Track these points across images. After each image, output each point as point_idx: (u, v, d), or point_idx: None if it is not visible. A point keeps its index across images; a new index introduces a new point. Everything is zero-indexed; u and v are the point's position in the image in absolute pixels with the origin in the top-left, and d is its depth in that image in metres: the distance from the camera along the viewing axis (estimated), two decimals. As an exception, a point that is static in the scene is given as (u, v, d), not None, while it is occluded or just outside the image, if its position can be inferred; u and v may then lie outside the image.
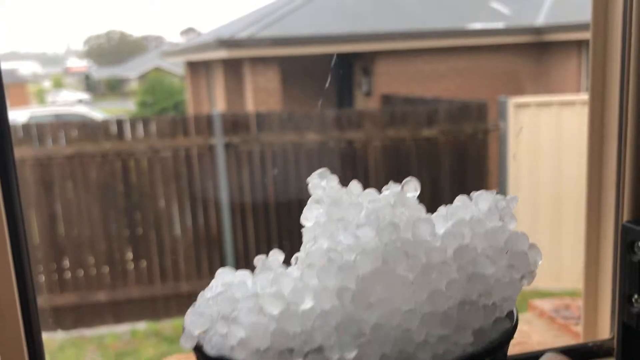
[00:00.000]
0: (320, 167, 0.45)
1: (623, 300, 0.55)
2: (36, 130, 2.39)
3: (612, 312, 0.60)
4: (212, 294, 0.39)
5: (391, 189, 0.38)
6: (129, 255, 2.38)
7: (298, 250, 0.41)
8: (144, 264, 2.38)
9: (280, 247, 0.43)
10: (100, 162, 2.33)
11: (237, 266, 0.43)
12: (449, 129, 2.50)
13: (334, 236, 0.35)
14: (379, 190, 0.40)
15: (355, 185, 0.40)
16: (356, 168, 2.54)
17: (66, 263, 2.32)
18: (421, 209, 0.37)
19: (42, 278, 2.33)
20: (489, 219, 0.37)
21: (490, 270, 0.34)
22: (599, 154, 0.60)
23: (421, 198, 0.39)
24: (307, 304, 0.32)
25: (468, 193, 0.39)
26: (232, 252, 2.45)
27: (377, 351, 0.30)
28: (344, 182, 0.42)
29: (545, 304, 0.91)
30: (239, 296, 0.35)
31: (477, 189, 0.40)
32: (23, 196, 0.53)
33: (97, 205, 2.29)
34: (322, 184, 0.41)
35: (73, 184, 2.28)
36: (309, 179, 0.41)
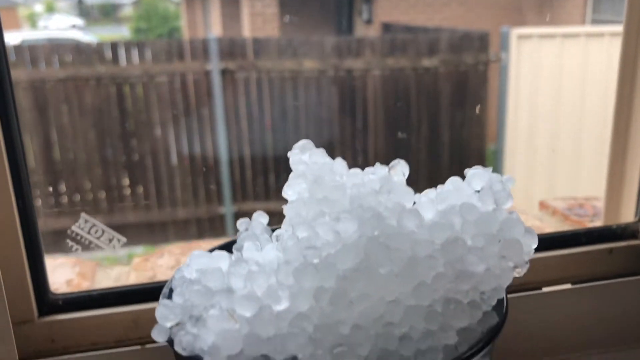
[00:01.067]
0: (318, 96, 0.41)
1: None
2: (29, 53, 2.34)
3: (638, 194, 0.60)
4: (188, 275, 0.36)
5: (377, 172, 0.35)
6: (126, 181, 2.37)
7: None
8: (140, 189, 2.38)
9: (277, 176, 0.41)
10: (94, 87, 2.30)
11: (234, 195, 0.41)
12: (449, 59, 2.43)
13: (313, 226, 0.32)
14: (383, 124, 0.36)
15: (340, 163, 0.37)
16: (355, 98, 2.49)
17: (62, 187, 2.32)
18: (409, 195, 0.35)
19: (39, 202, 2.33)
20: (482, 202, 0.34)
21: (479, 268, 0.31)
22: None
23: (419, 131, 0.37)
24: (283, 304, 0.30)
25: (467, 126, 0.36)
26: (228, 180, 2.44)
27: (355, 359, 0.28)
28: (343, 115, 0.39)
29: (558, 203, 0.89)
30: (213, 287, 0.33)
31: (476, 122, 0.37)
32: (18, 121, 0.53)
33: (93, 130, 2.26)
34: (304, 158, 0.38)
35: (68, 108, 2.24)
36: (290, 153, 0.39)
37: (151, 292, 0.53)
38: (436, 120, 2.46)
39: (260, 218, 0.42)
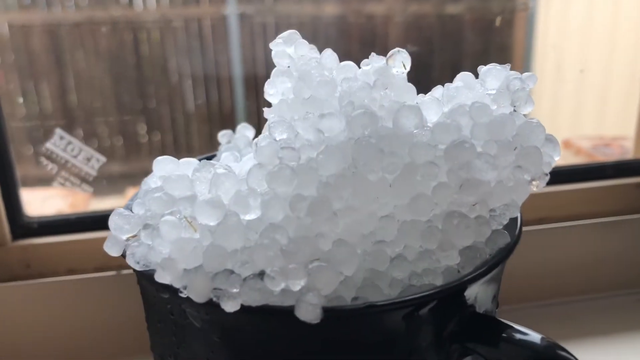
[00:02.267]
0: (338, 43, 0.36)
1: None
2: (44, -5, 2.30)
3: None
4: (153, 184, 0.32)
5: (372, 64, 0.30)
6: (142, 127, 2.34)
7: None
8: (157, 137, 2.35)
9: None
10: (110, 31, 2.25)
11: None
12: (475, 6, 2.33)
13: (292, 126, 0.27)
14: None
15: (329, 55, 0.32)
16: (375, 46, 2.41)
17: (79, 133, 2.30)
18: (411, 92, 0.29)
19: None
20: (496, 104, 0.29)
21: (489, 175, 0.26)
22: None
23: (443, 81, 0.32)
24: (253, 213, 0.25)
25: None
26: (245, 128, 2.39)
27: (334, 278, 0.24)
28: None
29: (583, 142, 0.84)
30: (177, 195, 0.28)
31: None
32: (33, 65, 0.51)
33: (109, 76, 2.22)
34: (289, 51, 0.32)
35: (84, 53, 2.20)
36: (271, 44, 0.33)
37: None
38: (459, 69, 2.37)
39: (245, 131, 0.37)
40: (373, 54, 0.29)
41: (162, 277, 0.25)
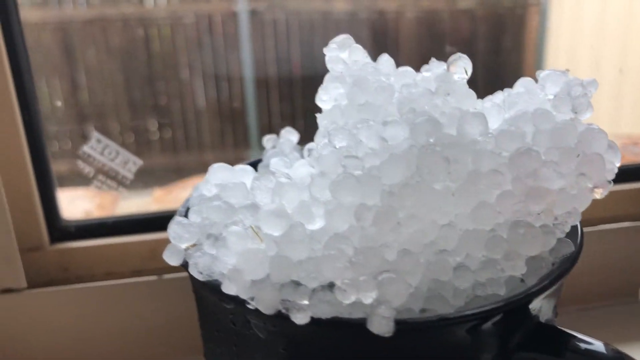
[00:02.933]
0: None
1: None
2: (55, -8, 2.31)
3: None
4: (208, 192, 0.32)
5: (432, 70, 0.29)
6: (153, 124, 2.35)
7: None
8: (168, 133, 2.35)
9: (305, 122, 0.36)
10: (121, 28, 2.26)
11: (261, 139, 0.37)
12: (487, 0, 2.32)
13: (354, 134, 0.27)
14: (416, 68, 0.32)
15: (386, 60, 0.31)
16: (387, 42, 2.40)
17: (91, 129, 2.30)
18: (471, 97, 0.29)
19: (69, 144, 2.32)
20: (557, 110, 0.28)
21: (556, 183, 0.26)
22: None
23: None
24: (317, 223, 0.25)
25: (504, 71, 0.30)
26: (255, 125, 2.39)
27: (404, 289, 0.23)
28: (375, 58, 0.34)
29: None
30: (235, 203, 0.28)
31: (514, 67, 0.32)
32: (45, 62, 0.51)
33: (120, 73, 2.23)
34: (343, 56, 0.32)
35: (95, 50, 2.21)
36: (325, 50, 0.33)
37: (168, 220, 0.49)
38: (472, 65, 2.36)
39: (289, 135, 0.37)
40: (433, 59, 0.29)
41: (229, 288, 0.25)
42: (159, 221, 0.51)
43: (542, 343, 0.26)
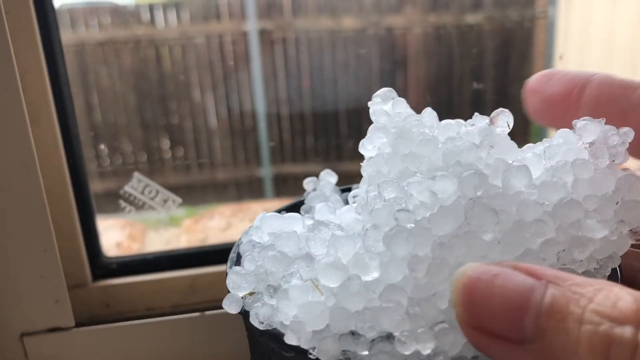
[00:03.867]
0: (358, 56, 0.37)
1: None
2: (68, 16, 2.35)
3: None
4: (258, 239, 0.33)
5: (476, 123, 0.31)
6: (166, 143, 2.38)
7: (334, 142, 0.34)
8: (180, 152, 2.38)
9: (315, 138, 0.38)
10: (133, 49, 2.29)
11: (272, 157, 0.38)
12: (494, 15, 2.34)
13: (403, 186, 0.28)
14: (425, 85, 0.33)
15: (429, 113, 0.33)
16: (395, 58, 2.42)
17: (104, 150, 2.33)
18: (513, 149, 0.30)
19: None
20: (594, 157, 0.30)
21: (600, 234, 0.27)
22: None
23: (461, 92, 0.32)
24: (372, 274, 0.26)
25: (512, 86, 0.32)
26: (266, 142, 2.41)
27: (460, 339, 0.25)
28: (383, 75, 0.35)
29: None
30: (289, 252, 0.30)
31: (522, 81, 0.34)
32: None
33: (132, 93, 2.26)
34: (386, 108, 0.34)
35: (107, 71, 2.24)
36: (370, 103, 0.35)
37: (206, 255, 0.51)
38: (480, 79, 2.38)
39: (329, 177, 0.39)
40: (477, 114, 0.31)
41: (291, 339, 0.26)
42: (197, 256, 0.52)
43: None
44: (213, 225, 0.74)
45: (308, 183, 0.39)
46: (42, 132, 0.45)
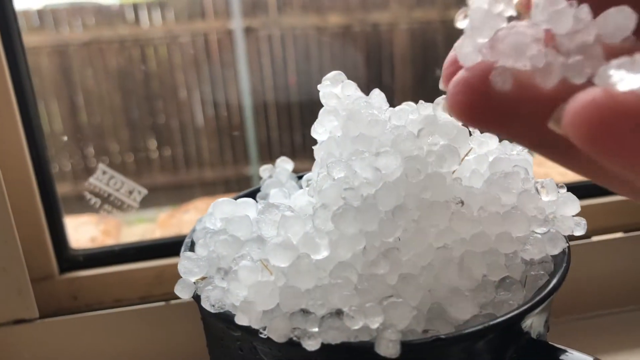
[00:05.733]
0: (344, 53, 0.37)
1: None
2: (52, 16, 2.34)
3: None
4: (211, 225, 0.33)
5: (420, 111, 0.31)
6: (153, 143, 2.37)
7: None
8: (167, 152, 2.37)
9: (303, 135, 0.38)
10: (118, 49, 2.28)
11: (260, 156, 0.38)
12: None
13: (349, 165, 0.29)
14: (411, 79, 0.33)
15: (377, 94, 0.33)
16: (381, 54, 2.42)
17: (90, 151, 2.32)
18: (462, 134, 0.31)
19: (69, 166, 2.34)
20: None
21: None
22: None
23: None
24: (322, 253, 0.26)
25: None
26: (254, 140, 2.41)
27: (407, 312, 0.25)
28: (369, 72, 0.35)
29: None
30: (241, 236, 0.30)
31: None
32: (43, 85, 0.52)
33: (118, 93, 2.25)
34: (336, 91, 0.34)
35: (93, 71, 2.23)
36: (319, 86, 0.35)
37: (174, 246, 0.51)
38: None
39: (285, 164, 0.39)
40: (421, 101, 0.31)
41: (241, 320, 0.26)
42: (164, 248, 0.52)
43: (533, 358, 0.28)
44: (188, 219, 0.73)
45: (264, 170, 0.39)
46: (3, 122, 0.45)
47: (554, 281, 0.29)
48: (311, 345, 0.25)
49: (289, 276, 0.27)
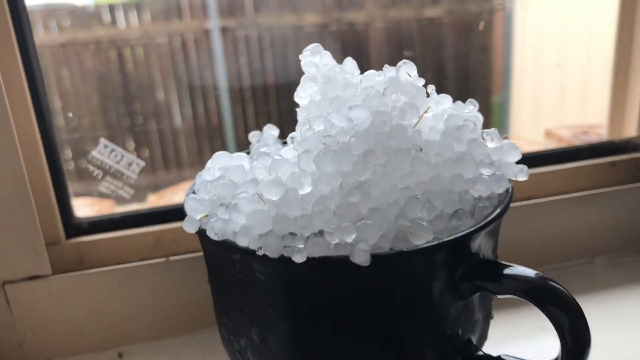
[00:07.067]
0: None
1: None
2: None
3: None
4: (210, 177, 0.39)
5: (385, 74, 0.37)
6: (131, 144, 2.40)
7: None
8: (146, 153, 2.40)
9: (281, 133, 0.44)
10: (94, 50, 2.29)
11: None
12: (453, 8, 2.41)
13: (328, 119, 0.35)
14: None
15: (350, 62, 0.39)
16: (358, 52, 2.47)
17: (68, 153, 2.35)
18: (420, 93, 0.37)
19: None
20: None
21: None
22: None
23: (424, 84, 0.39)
24: (306, 189, 0.32)
25: (473, 78, 0.39)
26: (233, 140, 2.45)
27: (375, 233, 0.31)
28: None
29: (563, 131, 0.92)
30: (237, 181, 0.35)
31: (483, 72, 0.39)
32: None
33: (95, 95, 2.27)
34: (315, 60, 0.40)
35: (69, 73, 2.25)
36: (300, 56, 0.40)
37: (170, 213, 0.56)
38: (441, 72, 2.45)
39: (271, 130, 0.44)
40: (386, 65, 0.37)
41: (241, 241, 0.32)
42: (162, 214, 0.57)
43: (483, 272, 0.34)
44: (177, 199, 0.78)
45: (253, 136, 0.45)
46: (17, 99, 0.50)
47: (497, 210, 0.35)
48: (298, 258, 0.30)
49: (279, 207, 0.32)
